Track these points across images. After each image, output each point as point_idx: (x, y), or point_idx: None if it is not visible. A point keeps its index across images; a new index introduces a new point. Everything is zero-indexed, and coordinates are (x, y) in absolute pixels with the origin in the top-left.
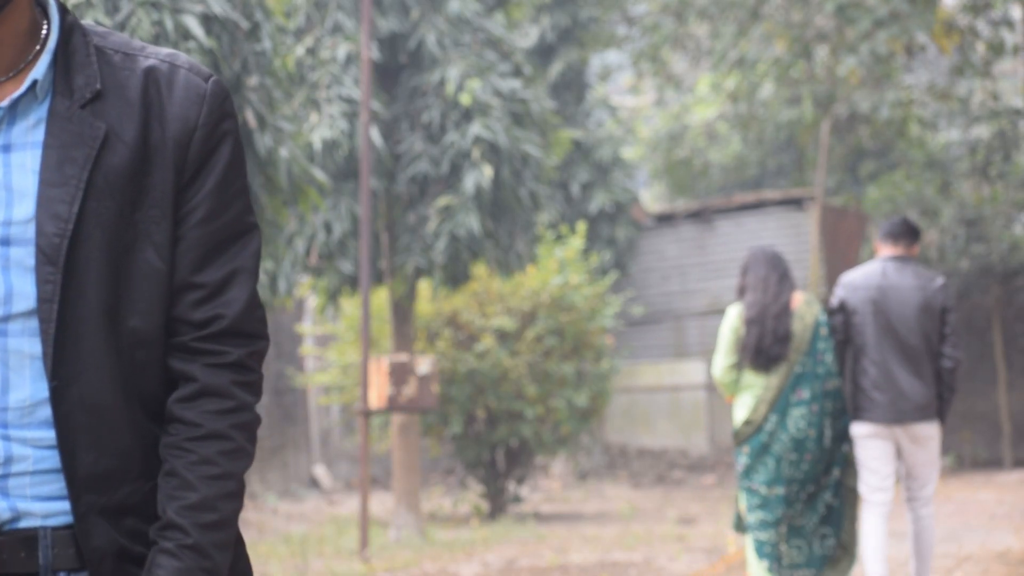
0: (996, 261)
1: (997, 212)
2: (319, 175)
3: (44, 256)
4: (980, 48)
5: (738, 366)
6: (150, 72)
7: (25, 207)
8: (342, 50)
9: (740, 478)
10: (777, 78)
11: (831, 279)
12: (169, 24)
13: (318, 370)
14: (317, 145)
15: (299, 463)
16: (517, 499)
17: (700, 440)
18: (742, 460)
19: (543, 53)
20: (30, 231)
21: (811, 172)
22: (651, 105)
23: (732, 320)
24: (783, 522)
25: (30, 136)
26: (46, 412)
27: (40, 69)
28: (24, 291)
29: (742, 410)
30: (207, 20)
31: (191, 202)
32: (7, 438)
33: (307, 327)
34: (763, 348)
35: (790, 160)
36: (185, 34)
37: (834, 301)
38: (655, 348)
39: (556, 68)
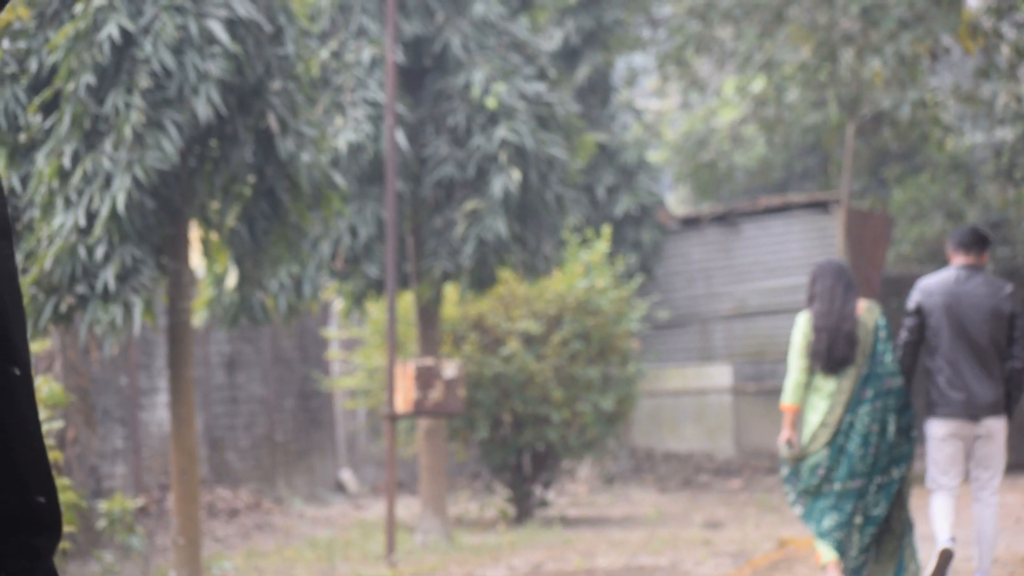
0: (1021, 263)
1: (1022, 215)
2: (340, 181)
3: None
4: (1005, 51)
5: (808, 370)
6: None
7: None
8: (367, 53)
9: (806, 478)
10: (802, 81)
11: (857, 282)
12: (193, 28)
13: (344, 374)
14: (342, 149)
15: (325, 467)
16: (543, 503)
17: (726, 444)
18: (815, 461)
19: (568, 56)
20: None
21: (836, 175)
22: (676, 108)
23: (802, 327)
24: (857, 513)
25: None
26: None
27: None
28: None
29: (815, 414)
30: (231, 24)
31: None
32: None
33: (333, 331)
34: (834, 353)
35: (815, 163)
36: (209, 38)
37: (911, 304)
38: (681, 352)
39: (581, 71)
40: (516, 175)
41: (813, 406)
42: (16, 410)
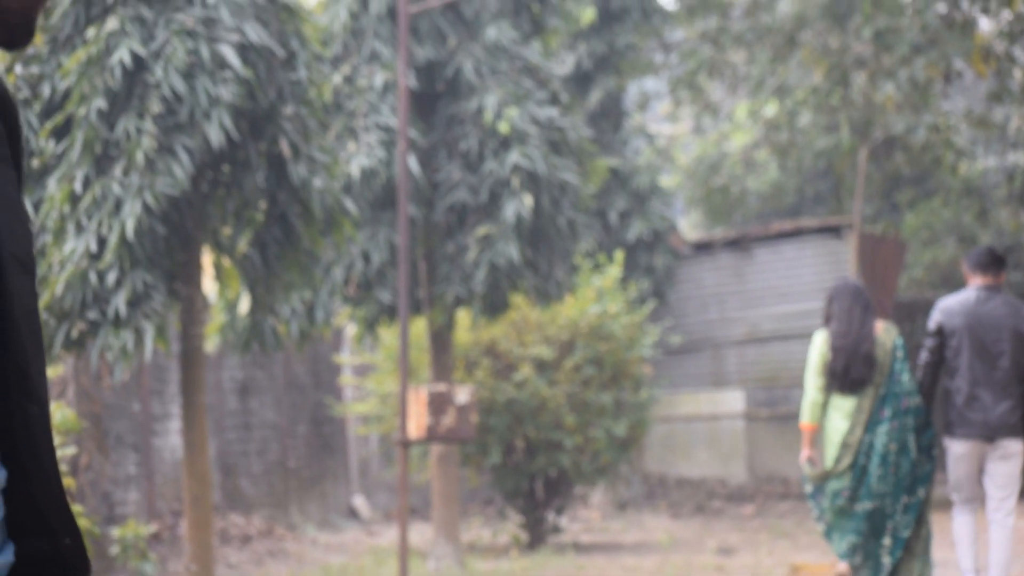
0: None
1: None
2: (351, 207)
3: (20, 264)
4: (1018, 75)
5: (825, 389)
6: None
7: None
8: (379, 78)
9: (830, 500)
10: (814, 105)
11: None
12: (205, 53)
13: (357, 400)
14: (355, 174)
15: (338, 493)
16: (556, 529)
17: (739, 469)
18: (838, 485)
19: (580, 81)
20: None
21: (849, 200)
22: (688, 133)
23: (819, 346)
24: (886, 534)
25: None
26: None
27: None
28: None
29: (835, 434)
30: (243, 49)
31: None
32: None
33: (345, 357)
34: (851, 373)
35: (828, 188)
36: (221, 63)
37: (931, 325)
38: (693, 377)
39: (593, 96)
40: (528, 200)
41: (833, 425)
42: (36, 450)
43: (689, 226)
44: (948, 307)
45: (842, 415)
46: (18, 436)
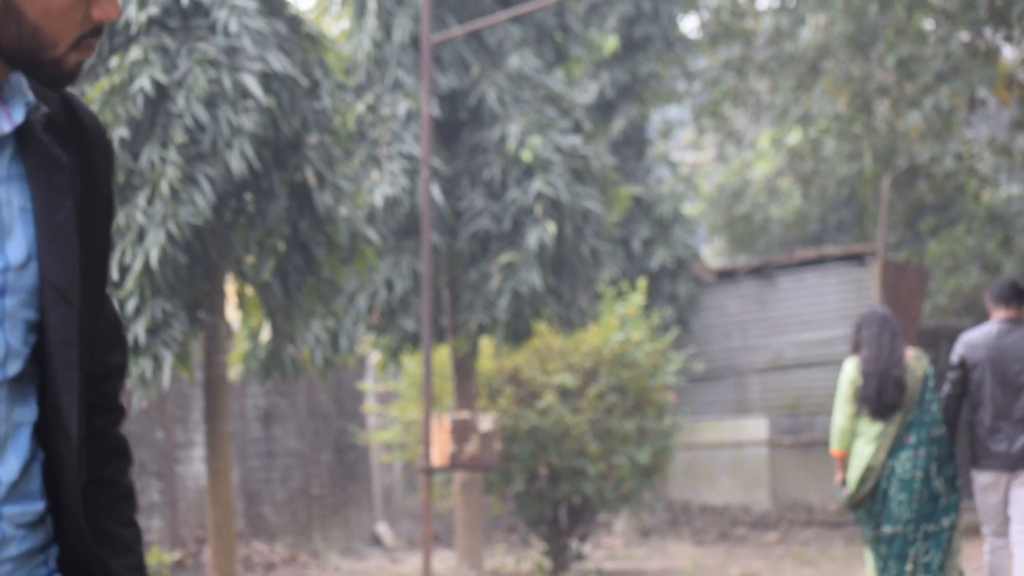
0: None
1: None
2: (373, 236)
3: (59, 295)
4: None
5: (855, 416)
6: (65, 101)
7: (17, 249)
8: (402, 107)
9: (863, 526)
10: (838, 133)
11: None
12: (227, 82)
13: (380, 427)
14: (378, 202)
15: (361, 521)
16: (580, 556)
17: (762, 497)
18: (866, 510)
19: (603, 109)
20: (24, 277)
21: (872, 227)
22: (712, 161)
23: (849, 373)
24: (908, 561)
25: (8, 168)
26: (32, 484)
27: (27, 90)
28: (14, 351)
29: (860, 459)
30: (266, 78)
31: (107, 237)
32: None
33: (369, 384)
34: (883, 398)
35: (851, 216)
36: (243, 92)
37: (954, 358)
38: (717, 404)
39: (616, 124)
40: (551, 228)
41: (857, 451)
42: (60, 483)
43: (712, 254)
44: (970, 340)
45: (867, 440)
46: (48, 468)
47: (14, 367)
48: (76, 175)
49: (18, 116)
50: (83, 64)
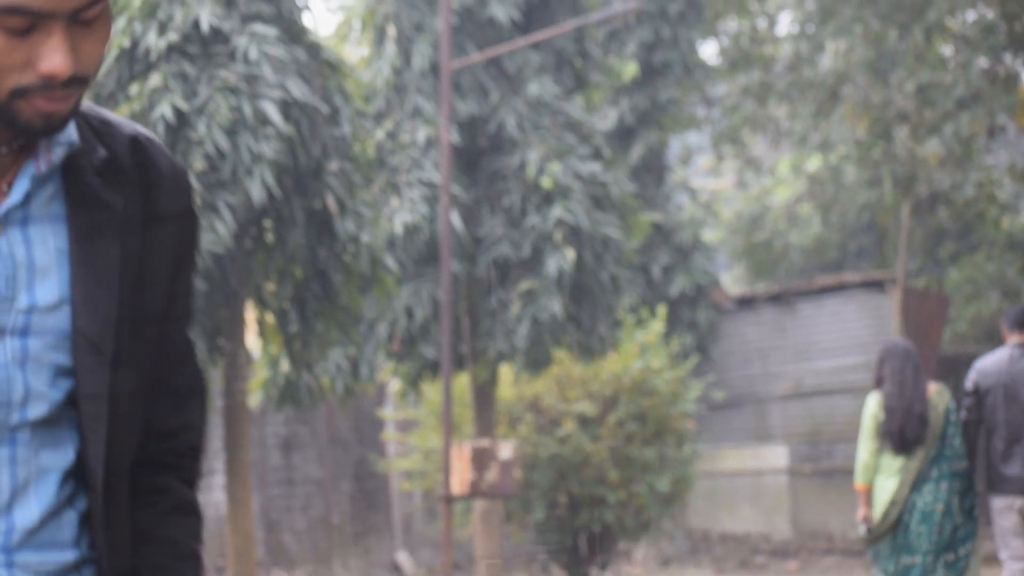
0: None
1: None
2: (392, 263)
3: (89, 344)
4: None
5: (878, 451)
6: (135, 142)
7: (48, 290)
8: (422, 134)
9: (884, 560)
10: (857, 159)
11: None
12: (247, 110)
13: (400, 456)
14: (398, 229)
15: (381, 549)
16: None
17: (783, 525)
18: (889, 544)
19: (623, 136)
20: (53, 319)
21: (892, 254)
22: (731, 187)
23: (872, 408)
24: None
25: (48, 208)
26: (62, 533)
27: (71, 131)
28: (39, 394)
29: (883, 493)
30: (286, 105)
31: (176, 291)
32: (10, 565)
33: (389, 412)
34: (906, 433)
35: (871, 242)
36: (263, 120)
37: (968, 384)
38: (737, 432)
39: (636, 151)
40: (571, 255)
41: (880, 485)
42: (92, 535)
43: (732, 281)
44: (983, 367)
45: (889, 474)
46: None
47: (37, 410)
48: (134, 222)
49: (57, 156)
50: (55, 113)
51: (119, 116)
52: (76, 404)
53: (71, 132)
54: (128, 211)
